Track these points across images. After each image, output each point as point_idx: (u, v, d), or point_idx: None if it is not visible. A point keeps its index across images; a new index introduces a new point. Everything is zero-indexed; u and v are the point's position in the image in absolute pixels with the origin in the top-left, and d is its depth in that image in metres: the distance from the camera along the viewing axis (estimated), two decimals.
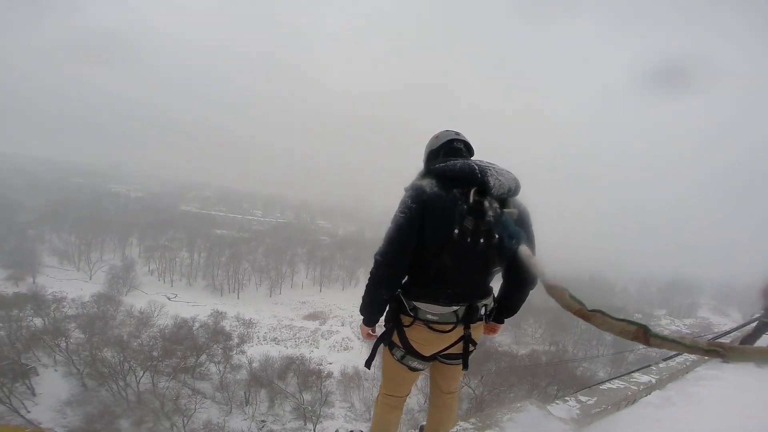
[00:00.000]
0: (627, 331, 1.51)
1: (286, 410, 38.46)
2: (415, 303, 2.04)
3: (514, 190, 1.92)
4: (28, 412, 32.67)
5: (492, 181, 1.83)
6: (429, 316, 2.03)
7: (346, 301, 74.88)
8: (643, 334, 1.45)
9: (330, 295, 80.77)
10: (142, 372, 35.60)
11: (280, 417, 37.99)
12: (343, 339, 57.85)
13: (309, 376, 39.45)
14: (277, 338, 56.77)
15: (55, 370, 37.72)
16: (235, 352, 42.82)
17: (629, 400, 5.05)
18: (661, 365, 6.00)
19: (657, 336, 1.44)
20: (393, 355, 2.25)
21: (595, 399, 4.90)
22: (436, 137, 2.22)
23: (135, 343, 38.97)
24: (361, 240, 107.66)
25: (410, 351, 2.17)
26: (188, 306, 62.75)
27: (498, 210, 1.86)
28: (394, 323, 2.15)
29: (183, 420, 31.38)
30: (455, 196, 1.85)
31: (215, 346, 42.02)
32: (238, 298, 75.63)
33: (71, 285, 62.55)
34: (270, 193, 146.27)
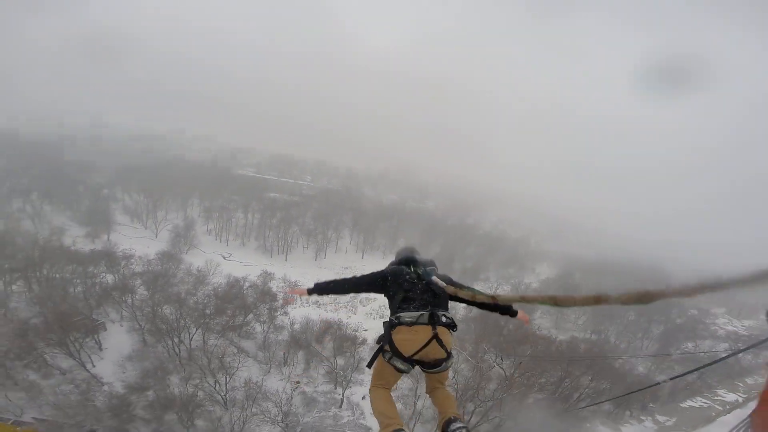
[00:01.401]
0: (481, 298, 2.70)
1: (320, 373, 39.34)
2: (398, 313, 3.19)
3: (430, 263, 3.66)
4: (94, 366, 34.74)
5: (419, 261, 3.66)
6: (407, 319, 3.10)
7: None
8: (492, 298, 2.24)
9: (371, 263, 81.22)
10: (195, 329, 37.13)
11: (313, 379, 38.97)
12: (380, 306, 57.94)
13: (344, 341, 39.97)
14: (318, 302, 57.82)
15: (121, 326, 40.14)
16: (279, 313, 43.79)
17: (708, 419, 3.84)
18: (748, 381, 4.51)
19: (502, 297, 2.11)
20: (383, 357, 3.23)
21: (674, 420, 3.79)
22: (398, 253, 3.97)
23: (191, 301, 40.60)
24: (404, 210, 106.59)
25: (395, 353, 3.10)
26: (241, 266, 65.24)
27: (421, 271, 3.50)
28: (387, 335, 3.16)
29: (225, 377, 32.52)
30: (403, 269, 3.59)
31: (262, 306, 43.26)
32: (286, 260, 77.82)
33: (139, 242, 66.56)
34: (319, 158, 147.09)
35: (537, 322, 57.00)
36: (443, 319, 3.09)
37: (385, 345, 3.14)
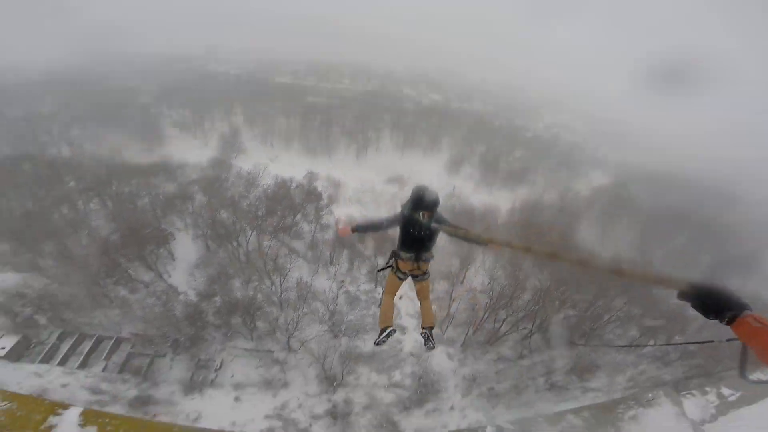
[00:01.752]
0: (471, 236, 4.37)
1: (362, 273, 41.57)
2: (399, 250, 5.09)
3: (435, 203, 4.71)
4: (170, 276, 37.63)
5: (425, 201, 4.65)
6: (402, 256, 5.05)
7: (427, 167, 73.79)
8: (478, 236, 4.28)
9: (411, 162, 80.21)
10: (250, 231, 39.64)
11: (356, 279, 41.32)
12: None
13: (384, 242, 40.69)
14: (360, 200, 59.09)
15: (187, 234, 42.90)
16: (324, 211, 45.88)
17: None
18: None
19: (489, 238, 4.15)
20: (393, 270, 5.22)
21: (739, 394, 3.46)
22: (413, 191, 4.89)
23: (244, 204, 43.17)
24: (447, 109, 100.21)
25: (398, 269, 5.17)
26: (287, 167, 66.69)
27: (425, 218, 4.65)
28: (394, 259, 5.19)
29: (280, 279, 35.13)
30: (414, 218, 4.72)
31: (309, 206, 45.40)
32: (330, 160, 78.91)
33: (191, 152, 68.82)
34: (356, 61, 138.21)
35: (582, 233, 53.72)
36: (423, 257, 5.10)
37: (393, 265, 5.23)
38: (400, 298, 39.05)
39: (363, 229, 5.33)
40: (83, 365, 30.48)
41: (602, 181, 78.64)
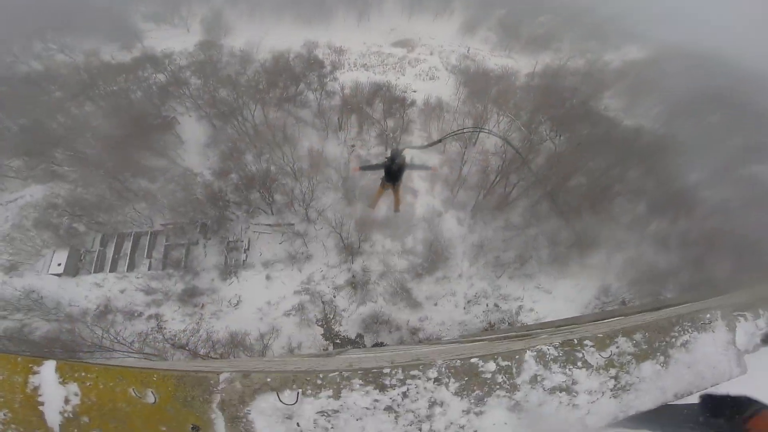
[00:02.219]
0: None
1: (372, 135, 39.66)
2: (384, 180, 12.22)
3: (402, 158, 11.30)
4: (183, 160, 37.35)
5: (393, 155, 11.16)
6: (385, 182, 12.32)
7: (437, 31, 65.29)
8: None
9: (420, 24, 70.99)
10: (254, 105, 38.01)
11: (366, 142, 39.64)
12: (429, 68, 52.97)
13: (393, 103, 39.12)
14: (366, 64, 54.31)
15: (190, 116, 41.67)
16: (328, 79, 43.12)
17: None
18: None
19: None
20: (381, 186, 12.67)
21: None
22: (392, 150, 11.60)
23: (243, 80, 41.15)
24: None
25: (384, 184, 12.49)
26: (282, 39, 61.16)
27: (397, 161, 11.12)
28: (382, 180, 12.32)
29: (291, 149, 34.16)
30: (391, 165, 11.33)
31: (311, 74, 42.62)
32: (327, 28, 71.41)
33: (174, 41, 63.42)
34: None
35: (606, 101, 48.88)
36: (396, 183, 12.32)
37: (383, 181, 12.27)
38: (412, 159, 37.83)
39: (366, 168, 14.78)
40: (131, 267, 32.26)
41: (637, 56, 66.97)
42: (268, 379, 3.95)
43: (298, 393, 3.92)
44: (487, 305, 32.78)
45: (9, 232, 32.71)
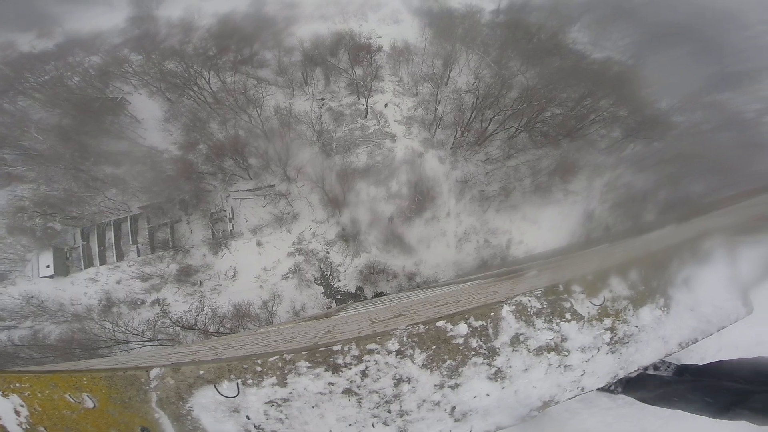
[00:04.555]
0: None
1: (341, 86, 39.37)
2: None
3: None
4: (144, 140, 36.42)
5: None
6: None
7: None
8: None
9: None
10: (207, 72, 36.75)
11: (336, 93, 39.33)
12: (392, 11, 51.92)
13: (359, 50, 38.84)
14: (324, 15, 52.74)
15: (140, 94, 40.02)
16: (284, 35, 41.82)
17: None
18: None
19: None
20: None
21: None
22: None
23: (189, 48, 39.66)
24: None
25: None
26: (225, 0, 58.96)
27: None
28: None
29: (257, 110, 33.64)
30: None
31: (264, 33, 41.26)
32: None
33: (99, 20, 59.82)
34: None
35: (574, 35, 49.06)
36: None
37: None
38: (386, 105, 38.77)
39: None
40: (120, 256, 32.28)
41: None
42: (201, 372, 3.71)
43: (237, 384, 3.70)
44: (477, 242, 34.42)
45: None
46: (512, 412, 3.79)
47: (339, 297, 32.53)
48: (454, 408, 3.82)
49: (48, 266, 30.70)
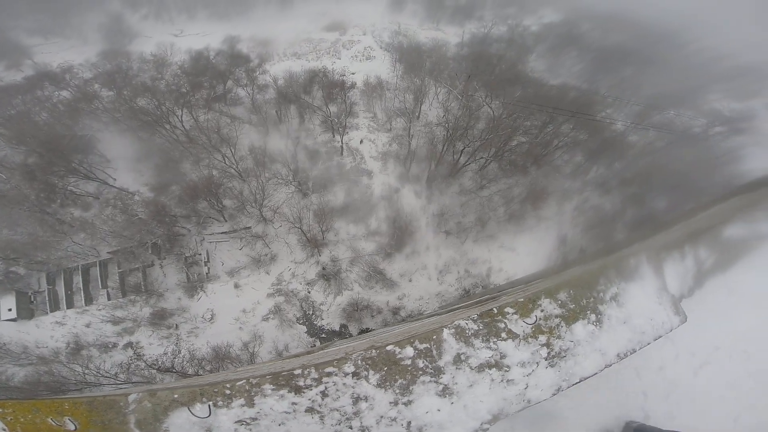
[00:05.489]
0: None
1: (316, 124, 39.90)
2: None
3: None
4: (115, 180, 35.53)
5: None
6: None
7: (368, 9, 66.09)
8: None
9: (349, 5, 71.30)
10: (179, 110, 36.55)
11: (311, 131, 39.80)
12: (365, 48, 53.76)
13: (333, 87, 39.37)
14: (297, 53, 53.90)
15: (110, 132, 39.01)
16: (258, 72, 42.11)
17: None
18: None
19: None
20: None
21: (714, 258, 3.37)
22: None
23: (162, 85, 39.52)
24: None
25: None
26: (198, 37, 59.09)
27: None
28: None
29: (231, 149, 33.42)
30: None
31: (237, 70, 41.59)
32: (248, 20, 69.51)
33: (71, 53, 59.30)
34: None
35: (532, 64, 53.17)
36: None
37: None
38: (361, 142, 39.60)
39: None
40: (89, 300, 31.46)
41: (553, 18, 73.08)
42: (175, 395, 4.08)
43: (209, 405, 4.08)
44: (458, 272, 34.92)
45: None
46: (464, 426, 4.18)
47: (323, 335, 32.09)
48: (410, 423, 4.03)
49: (10, 309, 29.86)
